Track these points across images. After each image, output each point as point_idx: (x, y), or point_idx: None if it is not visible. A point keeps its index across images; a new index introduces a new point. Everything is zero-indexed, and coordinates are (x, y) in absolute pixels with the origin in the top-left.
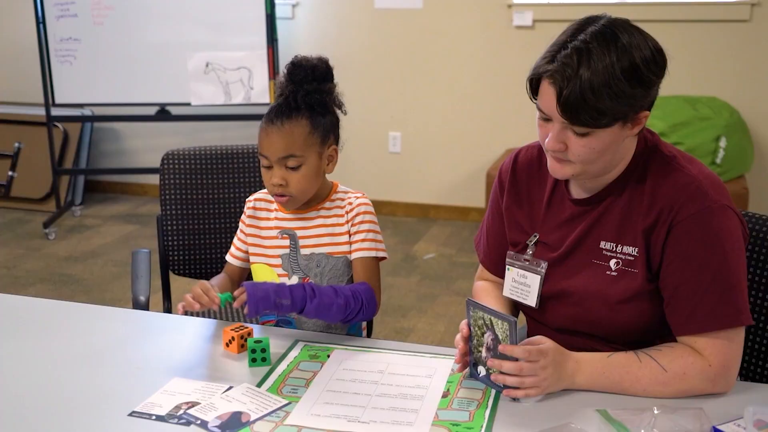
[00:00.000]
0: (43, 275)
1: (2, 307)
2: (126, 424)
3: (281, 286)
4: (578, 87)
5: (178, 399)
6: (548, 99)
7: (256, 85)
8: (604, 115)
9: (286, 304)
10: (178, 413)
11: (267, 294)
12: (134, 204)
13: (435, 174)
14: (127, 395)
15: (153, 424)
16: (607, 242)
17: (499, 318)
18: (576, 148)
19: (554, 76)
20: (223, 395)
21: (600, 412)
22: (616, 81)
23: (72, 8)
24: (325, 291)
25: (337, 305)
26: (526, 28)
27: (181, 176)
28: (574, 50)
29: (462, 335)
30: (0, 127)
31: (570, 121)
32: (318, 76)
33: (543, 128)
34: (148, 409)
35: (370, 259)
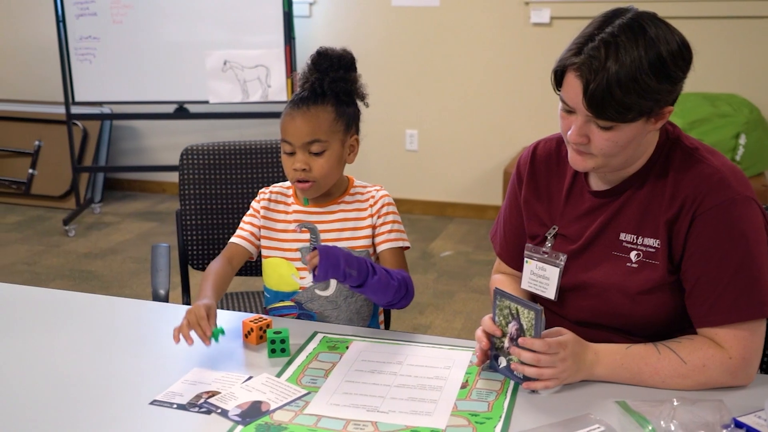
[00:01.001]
0: (63, 271)
1: (26, 299)
2: (147, 412)
3: (350, 256)
4: (605, 81)
5: (199, 388)
6: (573, 92)
7: (273, 83)
8: (630, 110)
9: (353, 274)
10: (199, 402)
11: (338, 261)
12: (153, 201)
13: (452, 172)
14: (149, 384)
15: (174, 413)
16: (627, 234)
17: (526, 307)
18: (599, 141)
19: (581, 68)
20: (243, 385)
21: (619, 404)
22: (643, 76)
23: (91, 7)
24: (381, 270)
25: (392, 286)
26: (543, 26)
27: (200, 172)
28: (602, 42)
29: (485, 328)
30: (20, 125)
31: (595, 115)
32: (344, 65)
33: (565, 120)
34: (169, 398)
35: (399, 249)
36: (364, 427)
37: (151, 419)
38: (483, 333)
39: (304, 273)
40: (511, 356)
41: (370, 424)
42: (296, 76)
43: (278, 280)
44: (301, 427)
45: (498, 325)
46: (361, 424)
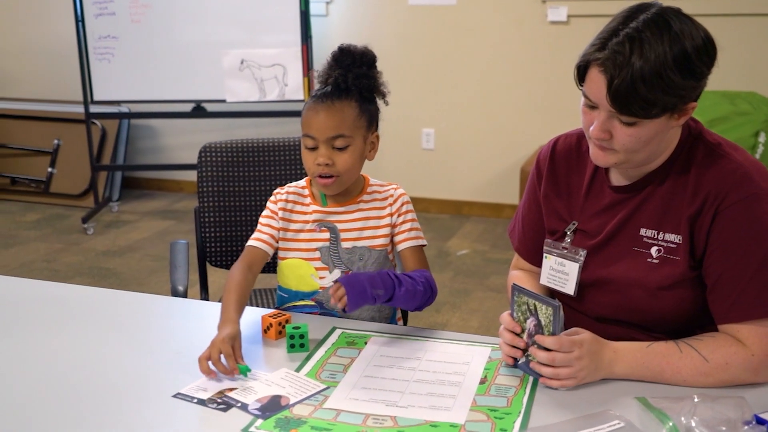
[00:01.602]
0: (81, 269)
1: (49, 295)
2: (169, 405)
3: (372, 277)
4: (629, 76)
5: (225, 385)
6: (597, 87)
7: (290, 82)
8: (654, 106)
9: (381, 294)
10: (220, 398)
11: (363, 287)
12: (170, 200)
13: (468, 171)
14: (172, 378)
15: (193, 407)
16: (648, 229)
17: (544, 303)
18: (621, 137)
19: (605, 63)
20: (263, 380)
21: (639, 400)
22: (668, 71)
23: (110, 6)
24: (405, 278)
25: (419, 292)
26: (560, 24)
27: (218, 169)
28: (626, 38)
29: (504, 325)
30: (40, 124)
31: (619, 111)
32: (366, 62)
33: (587, 115)
34: (192, 392)
35: (419, 248)
36: (383, 421)
37: (192, 407)
38: (505, 329)
39: (323, 273)
40: (529, 353)
41: (389, 419)
42: (313, 74)
43: (297, 281)
44: (320, 421)
45: (516, 321)
46: (380, 419)
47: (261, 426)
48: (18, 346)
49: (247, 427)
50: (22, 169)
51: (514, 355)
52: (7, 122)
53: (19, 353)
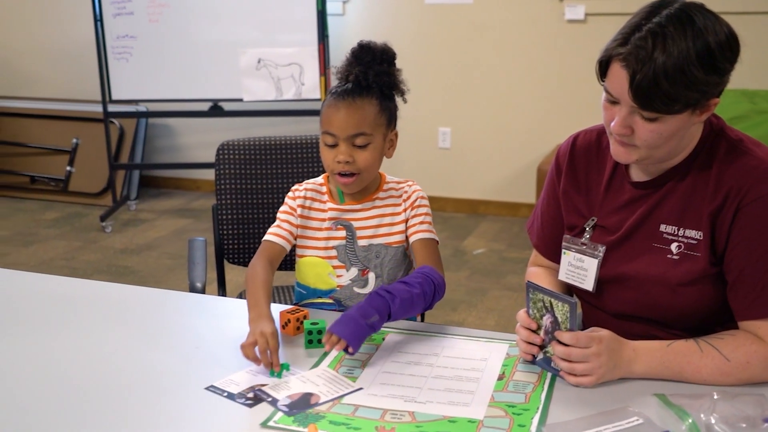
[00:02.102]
0: (100, 267)
1: (69, 291)
2: (200, 397)
3: (362, 308)
4: (652, 71)
5: (259, 380)
6: (619, 82)
7: (307, 81)
8: (677, 101)
9: (376, 319)
10: (248, 393)
11: (357, 323)
12: (188, 199)
13: (485, 170)
14: (194, 372)
15: (222, 401)
16: (668, 225)
17: (559, 300)
18: (643, 132)
19: (627, 58)
20: (299, 376)
21: (658, 397)
22: (691, 67)
23: (128, 6)
24: (398, 287)
25: (416, 296)
26: (578, 22)
27: (235, 167)
28: (649, 33)
29: (521, 323)
30: (59, 123)
31: (641, 106)
32: (386, 59)
33: (609, 111)
34: (225, 385)
35: (431, 241)
36: (402, 416)
37: (212, 401)
38: (521, 327)
39: (341, 271)
40: (547, 349)
41: (407, 414)
42: (330, 73)
43: (315, 279)
44: (338, 416)
45: (532, 318)
46: (398, 414)
47: (280, 420)
48: (40, 340)
49: (266, 421)
50: (41, 168)
51: (532, 351)
52: (26, 121)
53: (41, 348)
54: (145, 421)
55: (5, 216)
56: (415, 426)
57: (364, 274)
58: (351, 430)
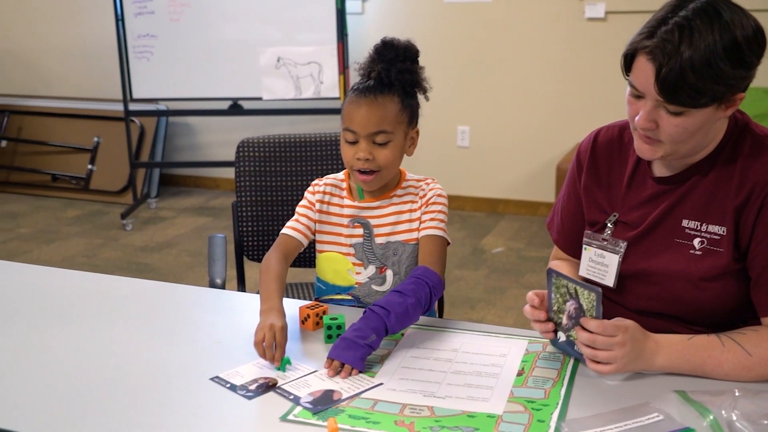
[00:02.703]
0: (120, 264)
1: (91, 286)
2: (205, 388)
3: (359, 330)
4: (678, 65)
5: (263, 373)
6: (645, 76)
7: (326, 80)
8: (703, 95)
9: (374, 338)
10: (251, 386)
11: (355, 345)
12: (207, 197)
13: (504, 168)
14: (216, 366)
15: (224, 392)
16: (691, 221)
17: (585, 288)
18: (668, 127)
19: (654, 52)
20: (319, 373)
21: (679, 394)
22: (718, 60)
23: (149, 5)
24: (393, 300)
25: (411, 306)
26: (598, 20)
27: (255, 164)
28: (676, 26)
29: (533, 304)
30: (80, 122)
31: (667, 100)
32: (409, 57)
33: (633, 106)
34: (230, 377)
35: (439, 237)
36: (421, 411)
37: (234, 394)
38: (530, 308)
39: (359, 269)
40: (570, 333)
41: (426, 409)
42: (349, 73)
43: (334, 275)
44: (357, 410)
45: (555, 303)
46: (417, 409)
47: (299, 414)
48: (63, 334)
49: (286, 415)
50: (63, 166)
51: (546, 329)
52: (48, 120)
53: (64, 341)
54: (164, 414)
55: (27, 214)
56: (434, 420)
57: (382, 272)
58: (370, 424)
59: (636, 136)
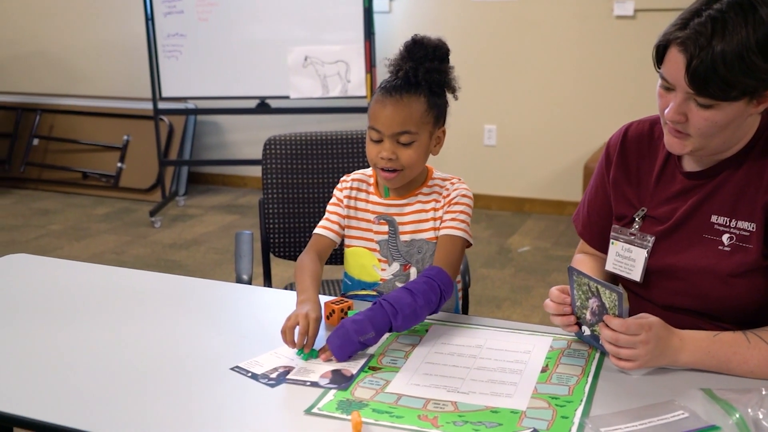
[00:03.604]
0: (149, 261)
1: (120, 281)
2: (226, 377)
3: (359, 323)
4: (710, 57)
5: (282, 362)
6: (675, 67)
7: (353, 78)
8: (733, 88)
9: (372, 336)
10: (272, 374)
11: (350, 341)
12: (235, 195)
13: (530, 167)
14: (236, 354)
15: (245, 381)
16: (720, 216)
17: (607, 288)
18: (697, 120)
19: (685, 43)
20: (311, 361)
21: (704, 391)
22: (750, 55)
23: (179, 5)
24: (403, 299)
25: (419, 306)
26: (627, 18)
27: (282, 161)
28: (709, 19)
29: (554, 297)
30: (110, 120)
31: (696, 92)
32: (439, 56)
33: (664, 98)
34: (250, 366)
35: (458, 238)
36: (444, 406)
37: (260, 387)
38: (549, 301)
39: (384, 265)
40: (594, 328)
41: (450, 404)
42: (375, 71)
43: (360, 270)
44: (381, 404)
45: (578, 299)
46: (440, 404)
47: (324, 407)
48: (93, 326)
49: (311, 408)
50: (93, 164)
51: (568, 322)
52: (79, 119)
53: (94, 333)
54: (186, 403)
55: (58, 211)
56: (458, 415)
57: (406, 269)
58: (393, 418)
59: (666, 131)
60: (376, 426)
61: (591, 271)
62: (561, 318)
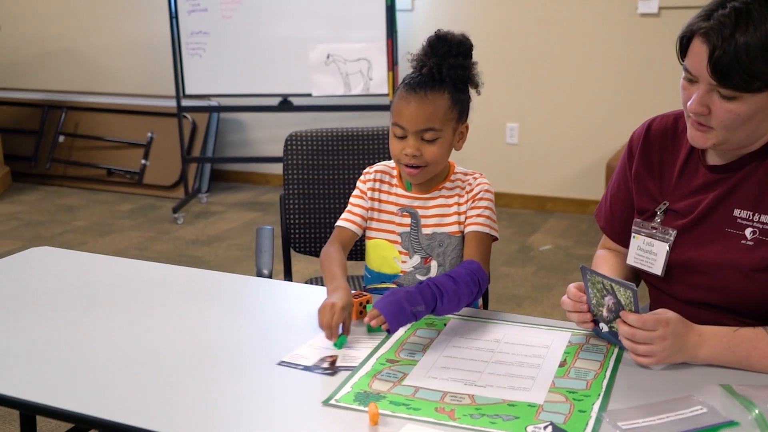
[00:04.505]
0: (171, 257)
1: (145, 274)
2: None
3: (411, 293)
4: (732, 48)
5: (323, 353)
6: (698, 58)
7: (375, 76)
8: (756, 79)
9: (421, 309)
10: (322, 365)
11: (402, 310)
12: (257, 192)
13: (553, 166)
14: (275, 348)
15: (300, 373)
16: (743, 210)
17: (621, 286)
18: (720, 112)
19: (708, 33)
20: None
21: (723, 387)
22: None
23: (203, 3)
24: (447, 283)
25: (463, 296)
26: (651, 16)
27: (303, 157)
28: (733, 10)
29: (571, 295)
30: (135, 118)
31: (719, 83)
32: (462, 52)
33: (687, 91)
34: (295, 359)
35: (485, 235)
36: (461, 399)
37: (279, 378)
38: (567, 298)
39: (405, 257)
40: (612, 324)
41: (467, 397)
42: (396, 70)
43: (380, 262)
44: (398, 396)
45: (593, 297)
46: (458, 396)
47: (341, 399)
48: (115, 317)
49: (328, 399)
50: (117, 161)
51: (584, 319)
52: (104, 116)
53: (116, 323)
54: (212, 394)
55: (83, 207)
56: (475, 408)
57: (427, 262)
58: (411, 410)
59: (689, 124)
60: (393, 418)
61: (613, 267)
62: (577, 315)
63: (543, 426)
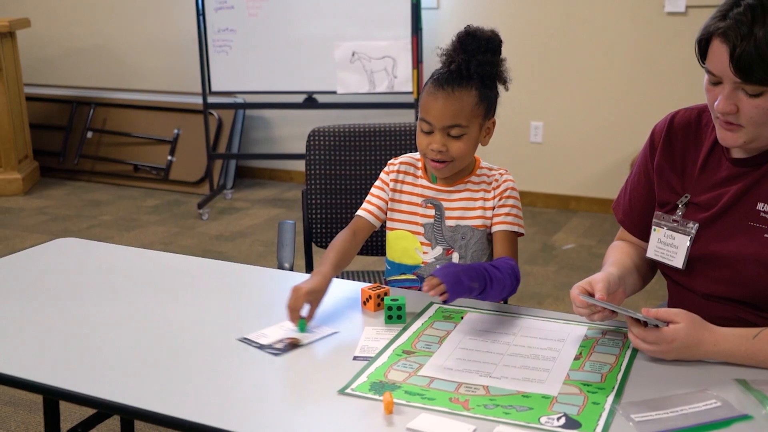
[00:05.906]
0: (196, 251)
1: (168, 265)
2: (294, 361)
3: (468, 269)
4: (753, 44)
5: (286, 333)
6: (720, 59)
7: (399, 74)
8: None
9: (475, 287)
10: (277, 345)
11: (460, 279)
12: (281, 189)
13: (577, 165)
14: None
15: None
16: (767, 204)
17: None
18: (748, 109)
19: (727, 33)
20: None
21: (739, 382)
22: None
23: (229, 1)
24: (494, 272)
25: (506, 284)
26: (678, 15)
27: (326, 152)
28: (748, 7)
29: (577, 304)
30: (161, 114)
31: (743, 80)
32: (491, 48)
33: (711, 93)
34: (256, 338)
35: (512, 234)
36: (476, 390)
37: (296, 367)
38: (580, 300)
39: (427, 248)
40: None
41: (482, 388)
42: (421, 68)
43: (402, 253)
44: (414, 386)
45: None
46: (472, 387)
47: (357, 388)
48: (138, 306)
49: (344, 389)
50: (144, 157)
51: (593, 310)
52: (131, 112)
53: (139, 312)
54: (230, 380)
55: (110, 202)
56: (489, 399)
57: (449, 254)
58: (425, 400)
59: (717, 125)
60: (408, 407)
61: (626, 256)
62: (585, 310)
63: (556, 417)
